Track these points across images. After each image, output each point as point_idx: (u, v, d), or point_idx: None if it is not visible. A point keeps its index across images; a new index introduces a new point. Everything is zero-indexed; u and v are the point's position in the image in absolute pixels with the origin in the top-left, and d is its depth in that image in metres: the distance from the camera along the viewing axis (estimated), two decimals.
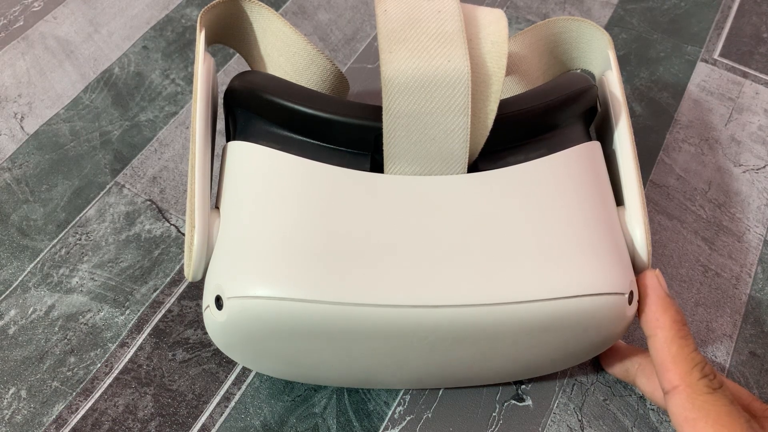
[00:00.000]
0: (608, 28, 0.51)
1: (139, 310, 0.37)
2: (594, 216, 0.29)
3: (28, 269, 0.38)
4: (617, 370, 0.35)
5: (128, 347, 0.36)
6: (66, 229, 0.40)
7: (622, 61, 0.49)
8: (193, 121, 0.30)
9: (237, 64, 0.48)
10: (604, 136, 0.34)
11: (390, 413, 0.34)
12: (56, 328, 0.36)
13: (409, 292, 0.26)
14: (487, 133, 0.29)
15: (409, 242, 0.27)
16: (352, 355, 0.29)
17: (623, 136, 0.32)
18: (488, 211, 0.28)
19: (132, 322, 0.37)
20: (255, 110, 0.30)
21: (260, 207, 0.27)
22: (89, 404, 0.34)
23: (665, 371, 0.28)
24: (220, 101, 0.44)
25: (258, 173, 0.28)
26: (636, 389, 0.35)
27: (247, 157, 0.29)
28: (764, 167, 0.44)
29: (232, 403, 0.34)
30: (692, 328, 0.38)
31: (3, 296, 0.37)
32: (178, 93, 0.46)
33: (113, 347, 0.36)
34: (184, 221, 0.40)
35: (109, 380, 0.35)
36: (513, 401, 0.35)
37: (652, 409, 0.35)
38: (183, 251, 0.39)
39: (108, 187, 0.42)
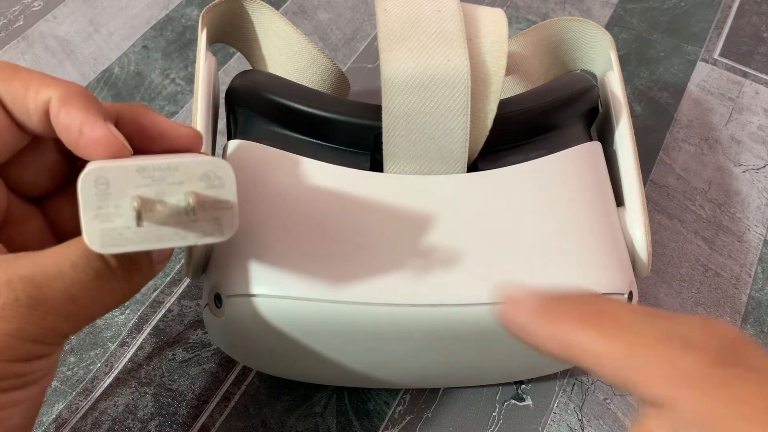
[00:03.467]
0: (608, 27, 0.51)
1: (139, 310, 0.37)
2: (594, 216, 0.29)
3: None
4: None
5: (128, 347, 0.36)
6: None
7: (622, 61, 0.49)
8: (194, 120, 0.30)
9: (237, 64, 0.48)
10: (605, 136, 0.34)
11: (390, 413, 0.34)
12: None
13: (408, 291, 0.26)
14: (487, 133, 0.29)
15: (408, 241, 0.27)
16: (351, 354, 0.29)
17: (624, 137, 0.32)
18: (487, 210, 0.28)
19: (132, 321, 0.37)
20: (256, 109, 0.30)
21: (260, 206, 0.27)
22: (89, 404, 0.34)
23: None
24: (221, 100, 0.44)
25: (258, 172, 0.28)
26: None
27: (247, 156, 0.29)
28: (764, 167, 0.44)
29: (232, 403, 0.34)
30: None
31: None
32: (178, 92, 0.46)
33: (113, 347, 0.36)
34: None
35: (109, 380, 0.35)
36: (513, 401, 0.35)
37: None
38: (183, 250, 0.39)
39: None
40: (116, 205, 0.20)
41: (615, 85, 0.33)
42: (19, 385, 0.21)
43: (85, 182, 0.19)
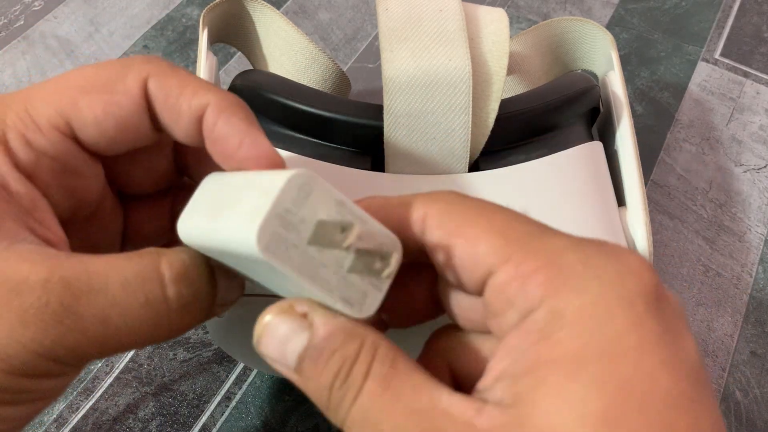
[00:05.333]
0: (609, 27, 0.51)
1: None
2: (595, 216, 0.29)
3: None
4: None
5: None
6: None
7: (623, 61, 0.49)
8: None
9: (238, 64, 0.48)
10: (606, 136, 0.34)
11: None
12: None
13: None
14: (488, 133, 0.29)
15: None
16: None
17: (625, 137, 0.32)
18: None
19: None
20: (257, 109, 0.30)
21: None
22: (90, 403, 0.34)
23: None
24: None
25: None
26: None
27: None
28: (765, 167, 0.44)
29: (233, 403, 0.34)
30: (693, 328, 0.38)
31: None
32: None
33: None
34: None
35: (109, 379, 0.35)
36: None
37: None
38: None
39: None
40: (302, 220, 0.18)
41: (616, 85, 0.33)
42: (13, 401, 0.18)
43: (292, 180, 0.18)
